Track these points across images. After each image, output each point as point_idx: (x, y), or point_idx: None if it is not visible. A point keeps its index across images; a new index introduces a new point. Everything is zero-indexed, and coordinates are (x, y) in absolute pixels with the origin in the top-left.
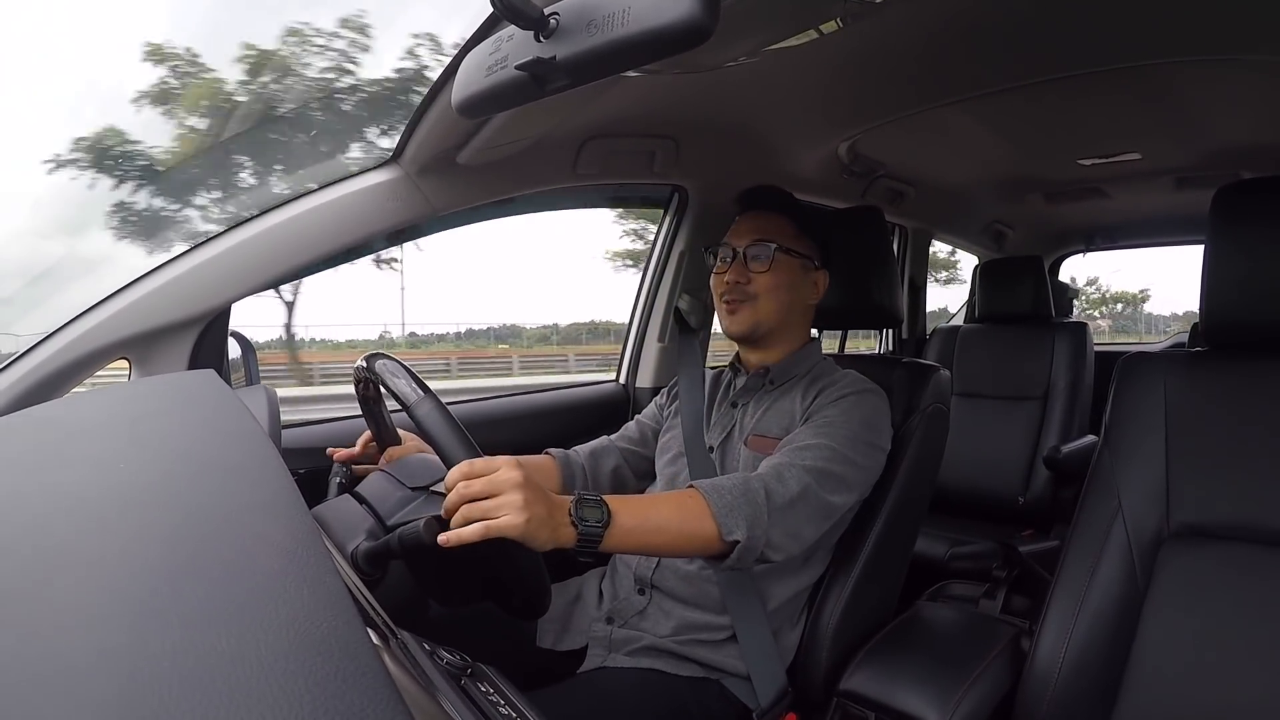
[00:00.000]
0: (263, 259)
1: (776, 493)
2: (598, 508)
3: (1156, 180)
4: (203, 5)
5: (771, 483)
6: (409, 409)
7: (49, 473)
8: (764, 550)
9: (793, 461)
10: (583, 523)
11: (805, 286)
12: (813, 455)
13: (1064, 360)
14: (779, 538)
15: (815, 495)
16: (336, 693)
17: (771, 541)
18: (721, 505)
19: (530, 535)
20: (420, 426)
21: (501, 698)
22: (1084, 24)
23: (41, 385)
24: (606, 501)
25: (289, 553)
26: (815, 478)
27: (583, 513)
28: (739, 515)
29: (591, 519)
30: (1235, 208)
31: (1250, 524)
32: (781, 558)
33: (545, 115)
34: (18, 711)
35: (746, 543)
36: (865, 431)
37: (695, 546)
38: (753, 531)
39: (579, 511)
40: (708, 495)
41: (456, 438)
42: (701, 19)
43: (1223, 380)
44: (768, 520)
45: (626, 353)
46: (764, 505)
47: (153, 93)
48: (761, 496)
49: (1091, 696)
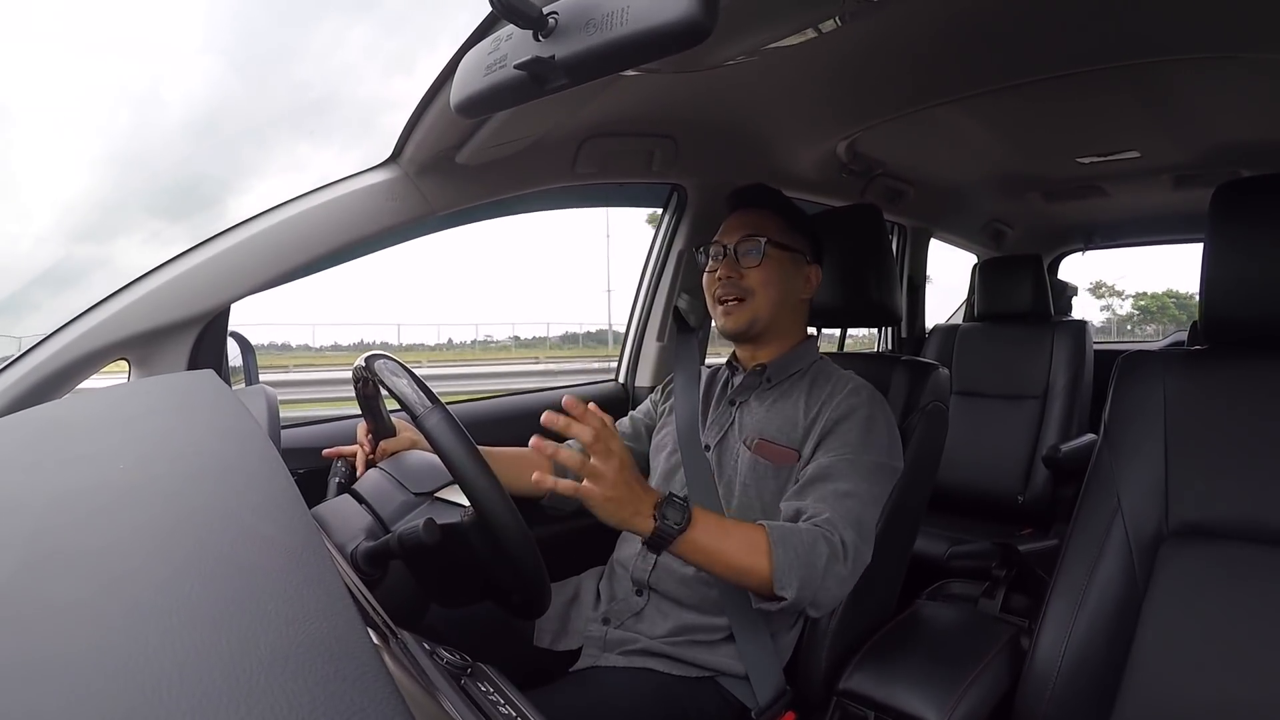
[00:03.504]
0: (261, 259)
1: (838, 559)
2: (681, 511)
3: (1155, 178)
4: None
5: (836, 548)
6: (418, 420)
7: (48, 473)
8: (807, 608)
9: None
10: (663, 519)
11: (797, 281)
12: (854, 506)
13: (1063, 359)
14: (823, 599)
15: (861, 559)
16: (337, 692)
17: (816, 602)
18: (784, 561)
19: (606, 513)
20: (430, 438)
21: (502, 697)
22: (1082, 22)
23: (41, 386)
24: (692, 511)
25: (289, 552)
26: (862, 538)
27: (666, 511)
28: (795, 575)
29: (672, 519)
30: (1234, 206)
31: (1250, 522)
32: (816, 615)
33: (544, 114)
34: (17, 710)
35: (792, 602)
36: (889, 459)
37: (744, 582)
38: (801, 593)
39: (664, 509)
40: (774, 545)
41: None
42: (700, 18)
43: (1222, 378)
44: (819, 585)
45: (626, 352)
46: (821, 570)
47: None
48: (823, 561)
49: (1091, 695)
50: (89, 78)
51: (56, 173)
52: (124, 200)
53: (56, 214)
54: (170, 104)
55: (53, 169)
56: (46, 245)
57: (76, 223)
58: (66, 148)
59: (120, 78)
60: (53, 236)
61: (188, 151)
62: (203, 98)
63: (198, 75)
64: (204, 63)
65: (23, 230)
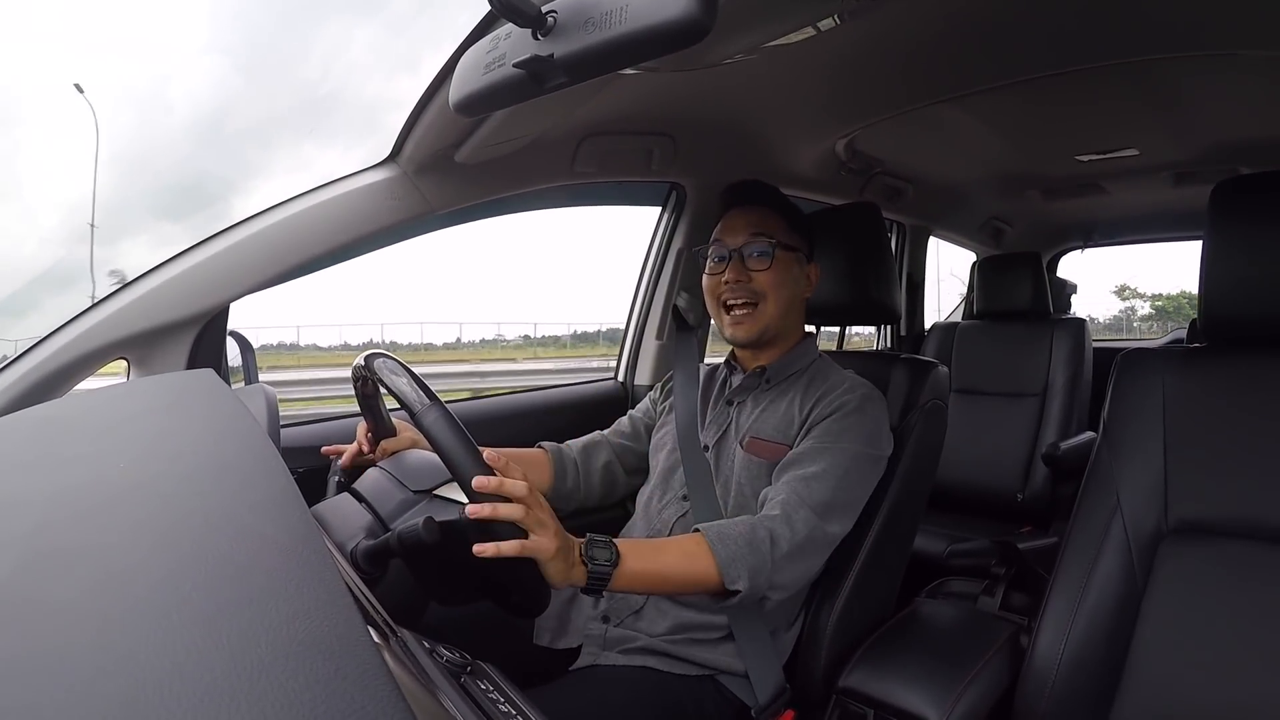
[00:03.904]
0: (260, 258)
1: (783, 539)
2: (606, 548)
3: (1155, 176)
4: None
5: (778, 527)
6: (416, 417)
7: (47, 472)
8: (766, 592)
9: (801, 499)
10: (592, 562)
11: (801, 282)
12: (818, 488)
13: (1062, 356)
14: (783, 580)
15: (820, 534)
16: (337, 691)
17: (774, 584)
18: (726, 555)
19: (556, 568)
20: (428, 435)
21: (501, 695)
22: (1082, 20)
23: (40, 385)
24: (615, 544)
25: (288, 551)
26: (820, 514)
27: (592, 553)
28: (742, 565)
29: (600, 558)
30: (1233, 203)
31: (1249, 520)
32: (783, 597)
33: (543, 113)
34: (17, 710)
35: (748, 592)
36: (868, 447)
37: (699, 590)
38: (754, 580)
39: (589, 551)
40: (713, 544)
41: (465, 450)
42: (699, 16)
43: (1221, 376)
44: (770, 568)
45: (625, 350)
46: (768, 554)
47: None
48: (767, 546)
49: (1090, 693)
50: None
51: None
52: (127, 201)
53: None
54: (175, 104)
55: (54, 170)
56: (47, 246)
57: (78, 224)
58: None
59: (124, 78)
60: (53, 238)
61: (191, 151)
62: (207, 98)
63: (201, 75)
64: (208, 62)
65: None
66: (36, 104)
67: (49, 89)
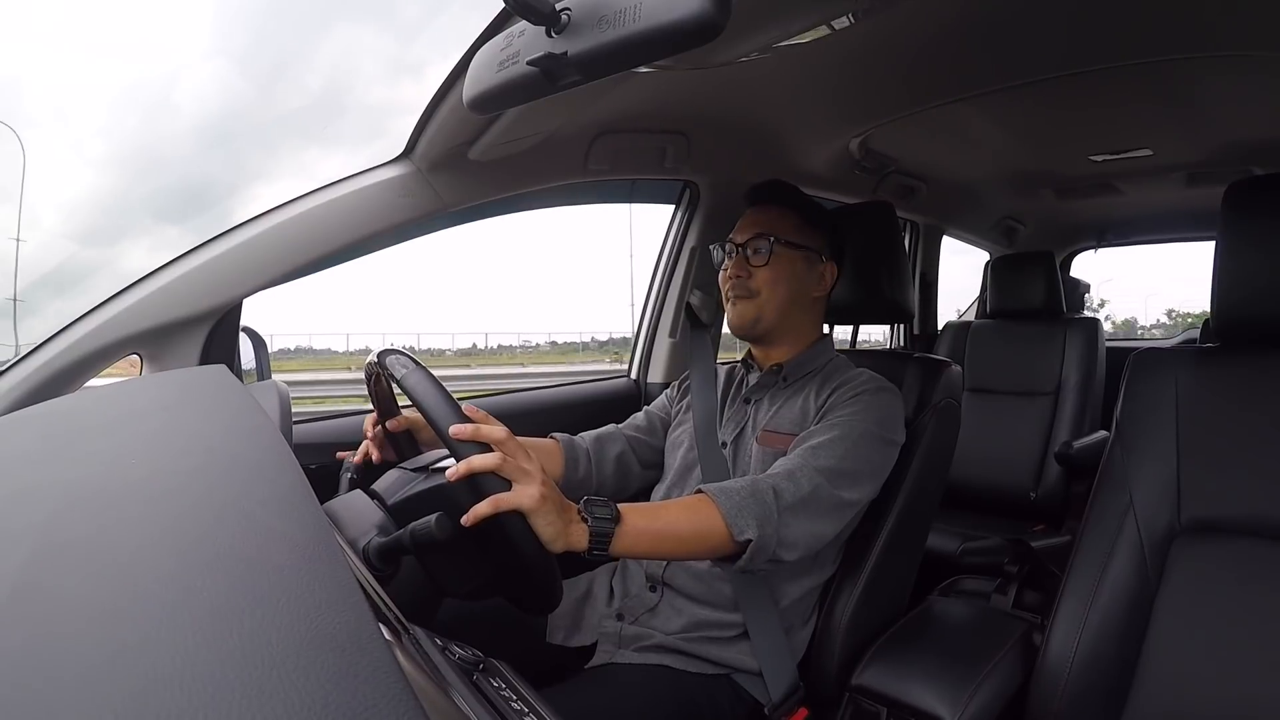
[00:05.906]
0: (274, 254)
1: (786, 491)
2: (606, 506)
3: (1168, 176)
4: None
5: (781, 482)
6: (399, 381)
7: (60, 468)
8: (776, 550)
9: (805, 462)
10: (593, 518)
11: (809, 280)
12: (825, 454)
13: (1076, 355)
14: (791, 536)
15: (827, 493)
16: (350, 688)
17: (784, 540)
18: (730, 506)
19: (546, 519)
20: (409, 392)
21: (514, 693)
22: (1096, 21)
23: (53, 380)
24: (613, 503)
25: (300, 547)
26: (827, 476)
27: (592, 509)
28: (748, 515)
29: (601, 514)
30: (1247, 204)
31: (1262, 519)
32: (795, 556)
33: (556, 111)
34: (29, 708)
35: (758, 541)
36: (878, 427)
37: (707, 547)
38: (763, 530)
39: (588, 509)
40: (715, 497)
41: (442, 401)
42: (713, 15)
43: (1234, 376)
44: (778, 519)
45: (638, 348)
46: (773, 504)
47: None
48: (770, 496)
49: (1103, 691)
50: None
51: (60, 175)
52: (129, 204)
53: (61, 216)
54: (179, 108)
55: (57, 171)
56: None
57: (79, 225)
58: (70, 150)
59: (129, 81)
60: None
61: (195, 154)
62: (212, 101)
63: (206, 79)
64: (212, 67)
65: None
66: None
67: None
